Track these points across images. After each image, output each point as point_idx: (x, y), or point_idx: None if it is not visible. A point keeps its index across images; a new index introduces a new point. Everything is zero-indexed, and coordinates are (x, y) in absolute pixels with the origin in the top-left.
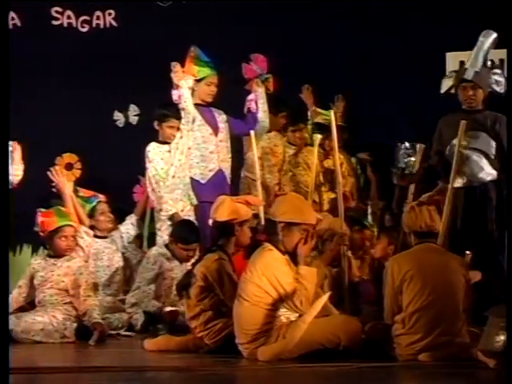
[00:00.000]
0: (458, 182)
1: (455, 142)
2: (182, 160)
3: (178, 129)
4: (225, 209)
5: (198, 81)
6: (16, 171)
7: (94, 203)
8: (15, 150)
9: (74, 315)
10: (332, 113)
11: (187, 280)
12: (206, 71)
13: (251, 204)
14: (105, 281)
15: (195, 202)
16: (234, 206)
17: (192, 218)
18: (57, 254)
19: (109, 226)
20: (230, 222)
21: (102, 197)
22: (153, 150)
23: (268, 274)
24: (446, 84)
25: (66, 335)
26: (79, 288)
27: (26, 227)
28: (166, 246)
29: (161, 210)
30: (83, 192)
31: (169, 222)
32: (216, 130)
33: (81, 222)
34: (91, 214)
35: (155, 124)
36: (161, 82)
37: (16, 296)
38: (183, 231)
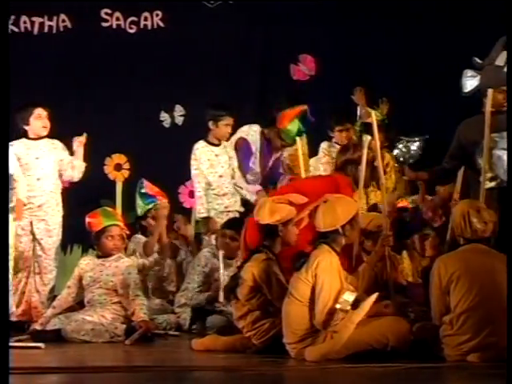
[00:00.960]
0: (491, 183)
1: (484, 142)
2: (226, 165)
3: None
4: (266, 211)
5: None
6: (80, 168)
7: (150, 206)
8: (79, 146)
9: (122, 315)
10: (374, 113)
11: (234, 283)
12: None
13: (294, 203)
14: (153, 283)
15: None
16: (276, 207)
17: None
18: (104, 254)
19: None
20: (274, 223)
21: (162, 200)
22: (201, 148)
23: (321, 277)
24: (471, 84)
25: (116, 335)
26: (128, 288)
27: (76, 228)
28: (216, 246)
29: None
30: (148, 188)
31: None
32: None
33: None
34: (143, 214)
35: (210, 124)
36: (206, 83)
37: (65, 296)
38: (232, 223)
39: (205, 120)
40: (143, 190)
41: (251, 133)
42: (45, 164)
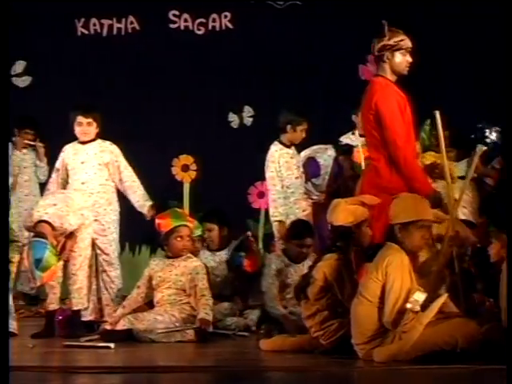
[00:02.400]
0: None
1: None
2: (300, 168)
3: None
4: (339, 212)
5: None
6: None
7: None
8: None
9: (192, 315)
10: (438, 114)
11: (305, 283)
12: None
13: (367, 204)
14: (222, 286)
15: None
16: (349, 208)
17: None
18: (174, 255)
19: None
20: (347, 225)
21: None
22: (280, 150)
23: (392, 275)
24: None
25: (186, 335)
26: (196, 287)
27: (144, 228)
28: (283, 250)
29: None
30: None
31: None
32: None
33: None
34: None
35: (288, 127)
36: (276, 84)
37: (135, 296)
38: (296, 227)
39: (279, 122)
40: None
41: (325, 157)
42: (89, 168)
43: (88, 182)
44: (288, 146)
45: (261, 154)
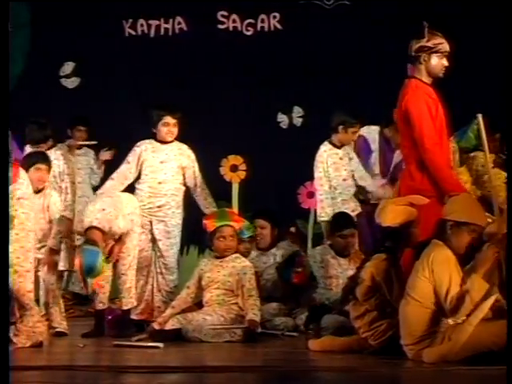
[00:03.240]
0: None
1: None
2: (348, 168)
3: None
4: (387, 213)
5: None
6: None
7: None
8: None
9: (240, 315)
10: (480, 117)
11: (353, 284)
12: None
13: (415, 204)
14: (271, 286)
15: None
16: (396, 209)
17: None
18: (219, 255)
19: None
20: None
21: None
22: (329, 150)
23: (439, 271)
24: None
25: (235, 335)
26: (243, 288)
27: (192, 229)
28: (330, 244)
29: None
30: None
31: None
32: (390, 159)
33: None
34: None
35: (340, 128)
36: (325, 84)
37: (184, 296)
38: (337, 219)
39: (331, 122)
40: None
41: (370, 131)
42: (168, 169)
43: (164, 183)
44: (338, 147)
45: (310, 154)
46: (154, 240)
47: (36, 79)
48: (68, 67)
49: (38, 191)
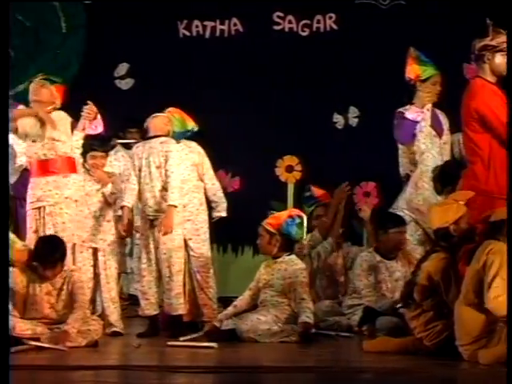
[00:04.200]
0: None
1: None
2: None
3: None
4: (433, 216)
5: (423, 81)
6: None
7: (312, 208)
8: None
9: (293, 315)
10: None
11: (410, 288)
12: (430, 71)
13: (458, 200)
14: (324, 284)
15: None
16: (441, 210)
17: None
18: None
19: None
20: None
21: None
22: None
23: (493, 260)
24: None
25: (290, 336)
26: (295, 292)
27: (247, 229)
28: (375, 247)
29: None
30: (313, 191)
31: None
32: (440, 132)
33: (330, 233)
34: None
35: None
36: (381, 84)
37: (247, 297)
38: (385, 218)
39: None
40: (307, 194)
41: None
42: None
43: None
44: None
45: (365, 155)
46: (184, 240)
47: (90, 80)
48: (122, 68)
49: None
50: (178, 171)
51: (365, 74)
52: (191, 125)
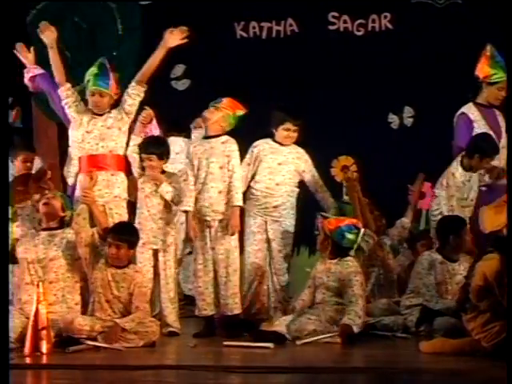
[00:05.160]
0: None
1: None
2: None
3: None
4: (485, 220)
5: (490, 83)
6: None
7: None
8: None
9: None
10: None
11: (466, 293)
12: (500, 75)
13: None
14: (380, 283)
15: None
16: (492, 213)
17: None
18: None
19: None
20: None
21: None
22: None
23: None
24: None
25: (333, 337)
26: (346, 294)
27: (303, 229)
28: (437, 248)
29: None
30: None
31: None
32: (499, 134)
33: (365, 224)
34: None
35: None
36: (436, 84)
37: (308, 295)
38: (450, 220)
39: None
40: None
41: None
42: (286, 171)
43: (281, 184)
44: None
45: (420, 155)
46: (268, 240)
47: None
48: (179, 69)
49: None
50: (240, 171)
51: (420, 74)
52: (240, 112)
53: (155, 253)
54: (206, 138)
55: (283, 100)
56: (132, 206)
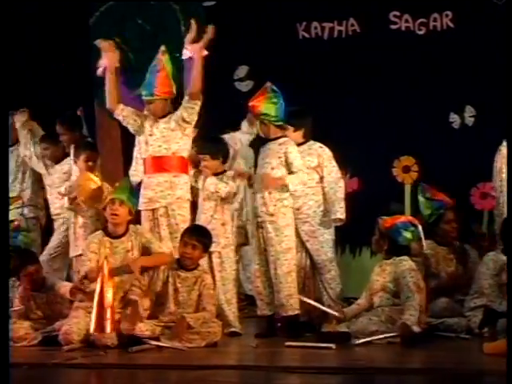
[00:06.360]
0: None
1: None
2: None
3: None
4: None
5: None
6: None
7: (441, 211)
8: None
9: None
10: None
11: None
12: None
13: None
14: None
15: None
16: None
17: None
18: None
19: (452, 235)
20: None
21: (449, 202)
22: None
23: None
24: None
25: (394, 338)
26: (402, 292)
27: (365, 230)
28: (502, 249)
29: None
30: (430, 193)
31: None
32: None
33: None
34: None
35: None
36: (498, 83)
37: (367, 298)
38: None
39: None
40: (427, 195)
41: None
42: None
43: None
44: None
45: (482, 155)
46: (302, 242)
47: (210, 82)
48: (242, 71)
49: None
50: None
51: (481, 73)
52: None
53: (210, 254)
54: (264, 139)
55: (345, 100)
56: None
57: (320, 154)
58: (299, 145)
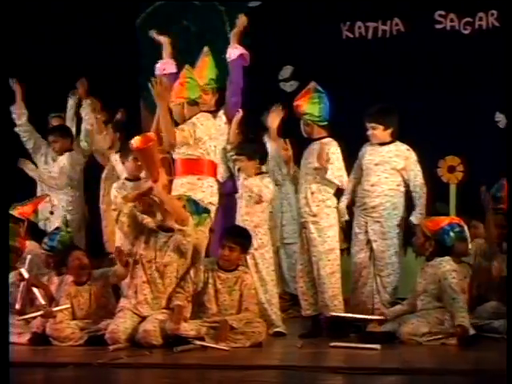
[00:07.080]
0: None
1: None
2: None
3: None
4: None
5: None
6: None
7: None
8: None
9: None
10: None
11: None
12: None
13: None
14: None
15: None
16: None
17: None
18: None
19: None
20: None
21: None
22: None
23: None
24: None
25: (449, 339)
26: (445, 294)
27: (410, 230)
28: None
29: None
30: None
31: None
32: None
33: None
34: None
35: None
36: None
37: (412, 300)
38: None
39: None
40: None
41: None
42: (381, 171)
43: (376, 185)
44: None
45: None
46: (369, 241)
47: (254, 83)
48: (286, 71)
49: None
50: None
51: None
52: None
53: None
54: (311, 140)
55: (389, 99)
56: None
57: (407, 157)
58: (385, 144)
